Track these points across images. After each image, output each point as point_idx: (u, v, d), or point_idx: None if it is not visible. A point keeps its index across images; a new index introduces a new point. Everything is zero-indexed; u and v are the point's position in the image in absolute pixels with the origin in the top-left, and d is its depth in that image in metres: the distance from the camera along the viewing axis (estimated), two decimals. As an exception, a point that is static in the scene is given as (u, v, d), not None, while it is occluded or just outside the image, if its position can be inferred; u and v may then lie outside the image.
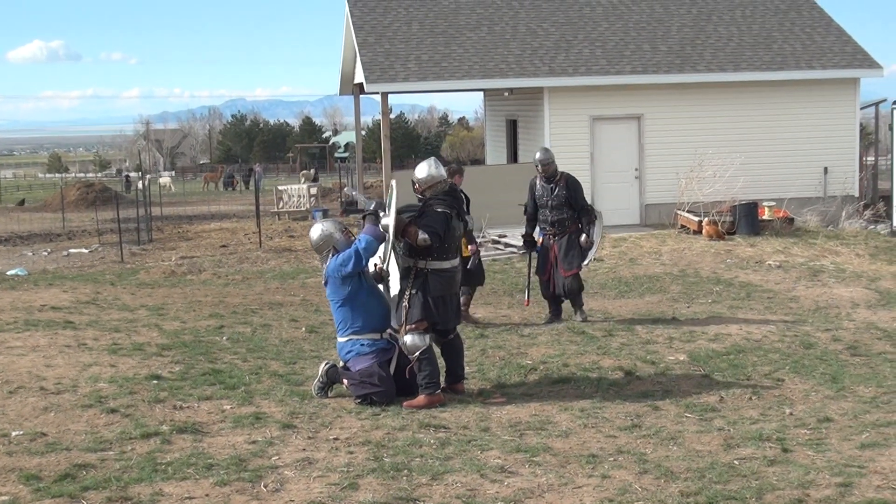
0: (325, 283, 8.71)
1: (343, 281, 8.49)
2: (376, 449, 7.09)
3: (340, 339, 8.71)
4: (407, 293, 8.65)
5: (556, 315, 12.35)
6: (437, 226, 8.61)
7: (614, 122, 22.93)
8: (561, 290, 12.27)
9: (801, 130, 23.32)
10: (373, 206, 8.80)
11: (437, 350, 8.88)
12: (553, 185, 12.30)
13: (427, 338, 8.59)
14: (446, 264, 8.73)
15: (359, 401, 8.36)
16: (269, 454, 6.98)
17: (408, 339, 8.57)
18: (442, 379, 8.77)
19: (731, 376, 9.46)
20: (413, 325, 8.58)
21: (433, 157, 9.43)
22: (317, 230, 8.83)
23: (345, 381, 8.56)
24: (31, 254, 23.03)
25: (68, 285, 15.70)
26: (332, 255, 8.64)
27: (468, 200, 12.28)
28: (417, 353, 8.50)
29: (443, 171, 9.01)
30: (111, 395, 8.41)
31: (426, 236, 8.54)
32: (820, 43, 24.39)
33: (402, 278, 8.75)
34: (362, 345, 8.55)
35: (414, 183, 9.06)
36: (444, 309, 8.73)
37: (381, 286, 8.91)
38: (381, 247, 8.77)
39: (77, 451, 6.94)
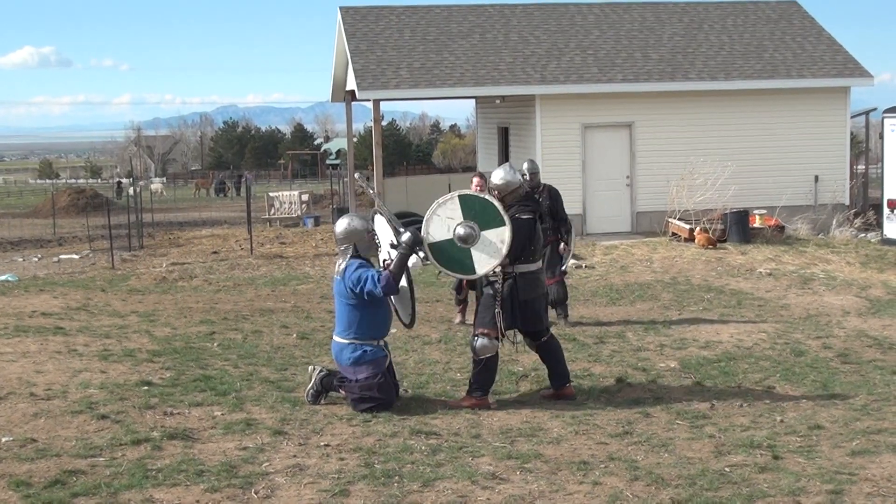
0: (338, 280, 8.54)
1: (352, 292, 8.41)
2: (367, 455, 7.07)
3: (340, 340, 8.54)
4: (498, 297, 8.67)
5: None
6: (521, 238, 8.63)
7: (606, 130, 22.96)
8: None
9: (791, 139, 23.37)
10: (406, 241, 8.46)
11: (535, 355, 9.20)
12: (537, 196, 12.48)
13: (498, 344, 8.68)
14: (532, 267, 8.84)
15: (360, 412, 8.27)
16: (260, 460, 6.96)
17: (478, 341, 8.63)
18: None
19: (721, 383, 9.48)
20: (487, 331, 8.64)
21: (508, 163, 9.43)
22: (343, 223, 8.67)
23: (342, 391, 8.50)
24: (21, 260, 22.96)
25: (59, 291, 15.67)
26: (351, 257, 8.54)
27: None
28: (484, 357, 8.58)
29: (519, 177, 9.07)
30: (101, 401, 8.38)
31: (506, 261, 8.58)
32: (811, 52, 24.48)
33: (489, 283, 8.73)
34: (365, 351, 8.44)
35: (491, 189, 9.09)
36: (533, 312, 8.81)
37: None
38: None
39: (67, 458, 6.92)
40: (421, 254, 8.68)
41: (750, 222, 20.97)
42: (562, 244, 12.67)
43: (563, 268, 12.81)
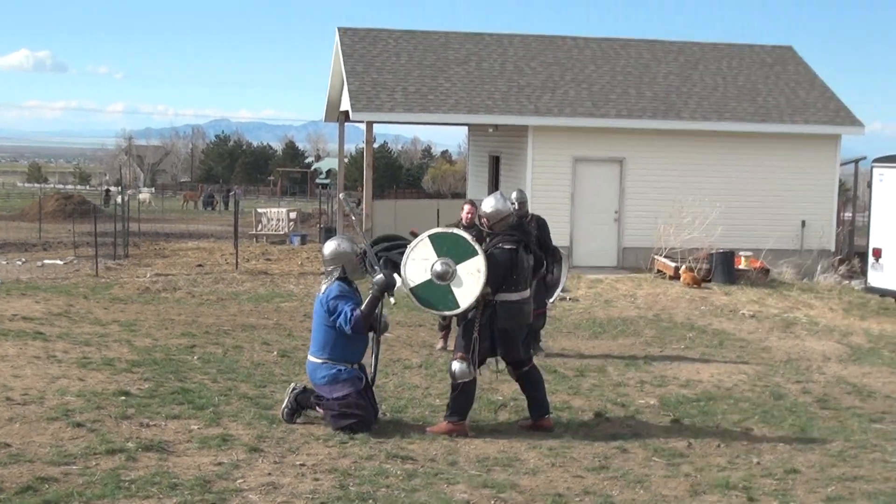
0: (319, 300, 8.60)
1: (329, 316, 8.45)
2: (342, 477, 7.05)
3: (314, 360, 8.57)
4: (477, 323, 8.65)
5: None
6: (498, 269, 8.60)
7: (596, 164, 23.04)
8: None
9: (781, 183, 23.49)
10: (378, 283, 8.50)
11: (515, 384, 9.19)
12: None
13: (475, 370, 8.64)
14: (514, 296, 8.76)
15: (339, 430, 8.25)
16: (235, 477, 6.92)
17: (456, 365, 8.59)
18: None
19: (700, 423, 9.48)
20: (465, 356, 8.61)
21: (499, 191, 9.42)
22: (331, 245, 8.75)
23: (320, 410, 8.49)
24: (4, 262, 22.86)
25: (41, 296, 15.60)
26: (337, 279, 8.57)
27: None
28: (461, 382, 8.56)
29: (509, 206, 9.06)
30: (78, 409, 8.34)
31: (487, 289, 8.58)
32: (804, 98, 24.65)
33: (473, 308, 8.71)
34: (339, 370, 8.46)
35: (481, 217, 9.14)
36: (511, 341, 8.77)
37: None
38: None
39: (40, 464, 6.87)
40: (392, 300, 8.71)
41: (735, 263, 21.03)
42: (548, 275, 12.66)
43: (552, 300, 12.81)
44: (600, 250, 22.99)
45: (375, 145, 27.23)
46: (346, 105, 24.35)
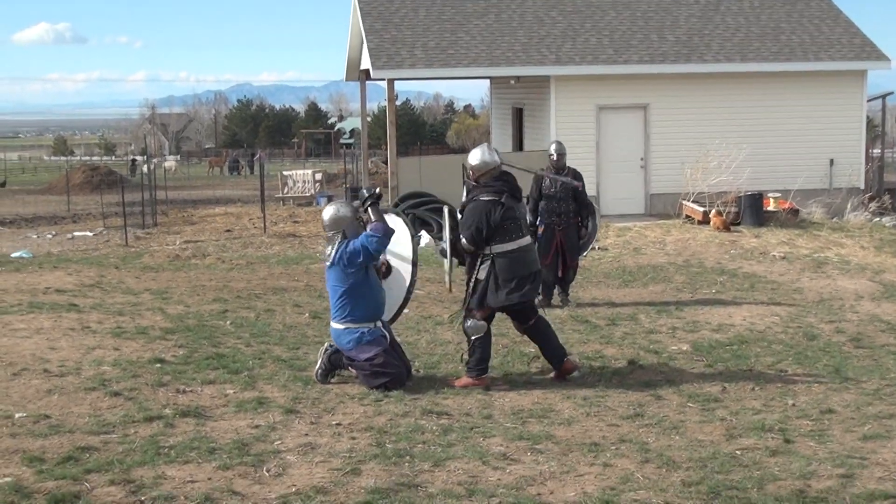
0: (329, 267, 8.64)
1: (348, 270, 8.44)
2: (379, 435, 7.09)
3: (337, 326, 8.61)
4: (474, 279, 8.74)
5: (547, 300, 12.54)
6: (473, 220, 8.64)
7: (620, 112, 22.89)
8: (564, 277, 12.63)
9: (807, 122, 23.26)
10: (375, 191, 8.75)
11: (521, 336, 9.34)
12: (560, 175, 12.62)
13: (485, 325, 8.71)
14: (511, 245, 8.71)
15: (374, 388, 8.32)
16: (272, 439, 6.98)
17: (469, 323, 8.72)
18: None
19: (733, 367, 9.47)
20: (474, 312, 8.71)
21: (486, 143, 9.46)
22: (330, 211, 8.76)
23: (353, 370, 8.55)
24: (35, 236, 23.04)
25: (73, 268, 15.72)
26: (341, 242, 8.57)
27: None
28: (474, 338, 8.65)
29: (496, 157, 9.01)
30: (114, 378, 8.42)
31: (465, 242, 8.70)
32: (828, 34, 24.32)
33: (471, 265, 8.83)
34: (363, 333, 8.51)
35: (467, 169, 9.17)
36: (515, 290, 8.72)
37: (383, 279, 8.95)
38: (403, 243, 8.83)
39: (80, 434, 6.96)
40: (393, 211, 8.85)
41: (764, 205, 20.91)
42: (583, 229, 12.78)
43: (585, 253, 12.93)
44: (627, 198, 22.91)
45: (397, 102, 27.14)
46: (366, 63, 24.24)
